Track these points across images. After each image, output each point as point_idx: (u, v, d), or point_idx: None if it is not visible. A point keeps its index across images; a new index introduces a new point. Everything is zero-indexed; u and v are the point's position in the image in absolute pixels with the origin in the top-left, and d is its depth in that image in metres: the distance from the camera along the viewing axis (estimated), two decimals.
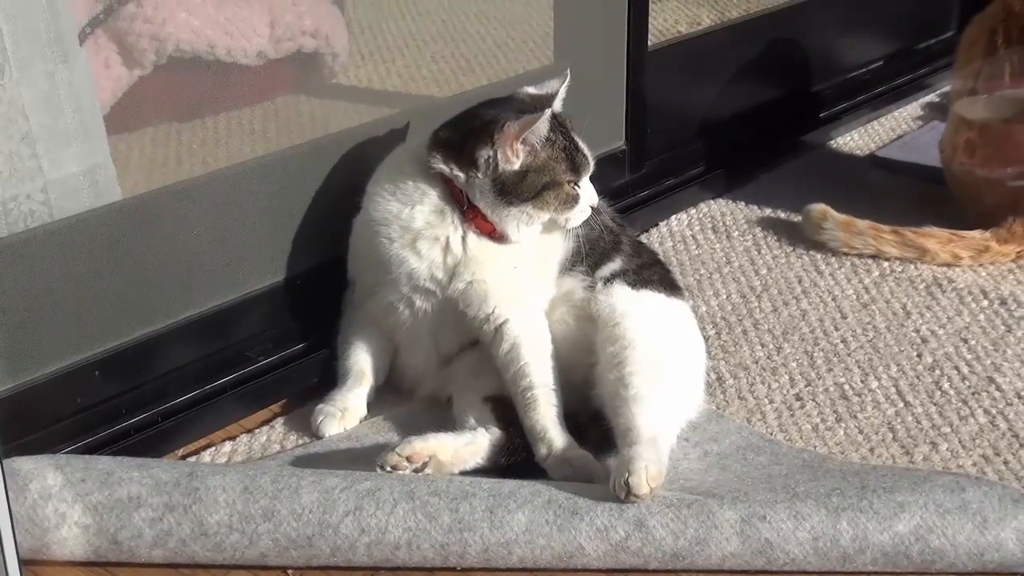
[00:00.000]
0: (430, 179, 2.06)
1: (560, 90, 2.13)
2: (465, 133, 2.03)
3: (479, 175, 2.01)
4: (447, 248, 2.05)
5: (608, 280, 2.10)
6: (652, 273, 2.15)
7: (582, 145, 2.07)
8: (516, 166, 2.00)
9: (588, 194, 2.08)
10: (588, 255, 2.12)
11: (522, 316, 2.05)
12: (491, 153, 2.00)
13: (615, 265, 2.12)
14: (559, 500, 1.76)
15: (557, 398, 2.00)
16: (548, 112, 2.00)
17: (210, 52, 2.36)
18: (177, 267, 2.09)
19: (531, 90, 2.15)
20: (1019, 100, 2.68)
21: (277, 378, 2.20)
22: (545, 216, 2.05)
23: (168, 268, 2.08)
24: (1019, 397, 2.22)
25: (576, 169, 2.05)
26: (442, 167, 2.04)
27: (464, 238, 2.05)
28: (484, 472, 1.93)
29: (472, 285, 2.05)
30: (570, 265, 2.12)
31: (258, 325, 2.21)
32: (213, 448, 2.06)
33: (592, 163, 2.09)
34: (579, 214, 2.07)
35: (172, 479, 1.77)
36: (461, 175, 2.02)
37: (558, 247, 2.13)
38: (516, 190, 2.01)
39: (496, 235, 2.06)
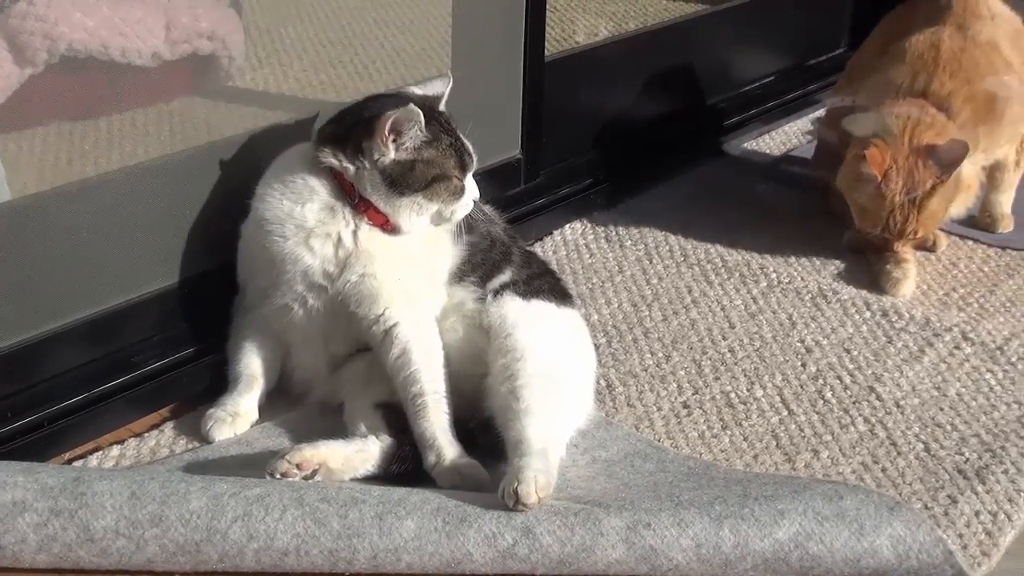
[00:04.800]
0: (319, 174, 2.08)
1: (444, 92, 2.19)
2: (351, 126, 2.07)
3: (367, 166, 2.04)
4: (339, 243, 2.06)
5: (498, 292, 2.12)
6: (543, 283, 2.18)
7: (467, 143, 2.13)
8: (390, 156, 2.03)
9: (471, 189, 2.13)
10: (480, 265, 2.15)
11: (413, 321, 2.06)
12: (371, 144, 2.03)
13: (505, 277, 2.15)
14: (448, 507, 1.78)
15: (448, 405, 2.01)
16: (411, 106, 2.01)
17: (104, 52, 2.34)
18: (67, 269, 2.07)
19: (416, 89, 2.19)
20: (905, 115, 2.75)
21: (167, 382, 2.19)
22: (434, 207, 2.08)
23: (57, 270, 2.06)
24: (898, 406, 2.28)
25: (463, 166, 2.10)
26: (331, 160, 2.06)
27: (356, 232, 2.07)
28: (375, 479, 1.94)
29: (363, 279, 2.06)
30: (460, 275, 2.14)
31: (149, 328, 2.19)
32: (101, 452, 2.05)
33: (475, 161, 2.14)
34: (463, 207, 2.12)
35: (58, 484, 1.75)
36: (350, 167, 2.05)
37: (448, 252, 2.16)
38: (407, 180, 2.04)
39: (389, 227, 2.08)
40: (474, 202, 2.14)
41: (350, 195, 2.06)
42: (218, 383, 2.16)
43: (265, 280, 2.11)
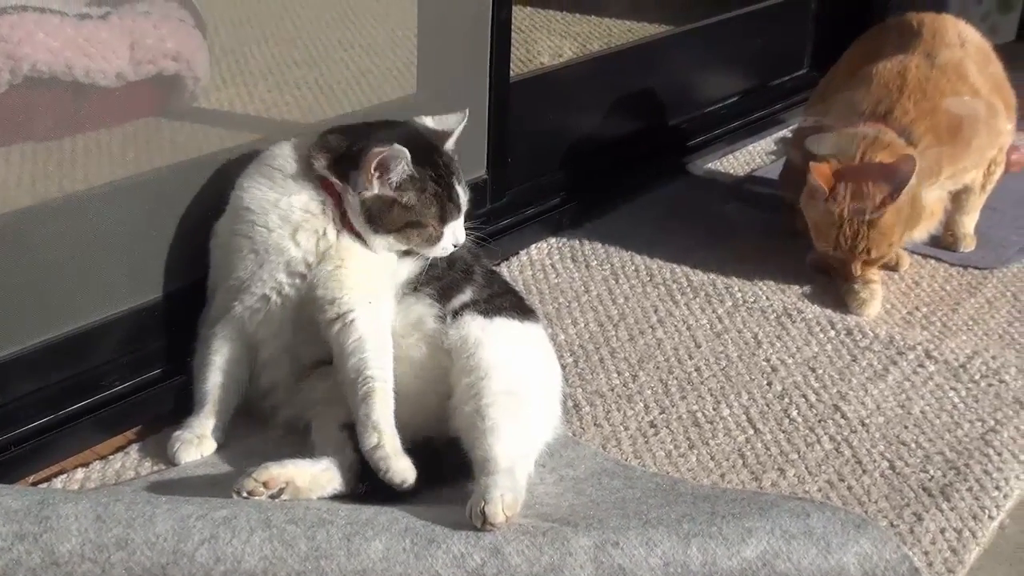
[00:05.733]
0: (309, 174, 2.12)
1: (457, 130, 2.21)
2: (348, 147, 2.10)
3: (350, 192, 2.08)
4: (323, 235, 2.10)
5: (458, 312, 2.12)
6: (504, 301, 2.18)
7: (458, 191, 2.15)
8: (372, 191, 2.07)
9: (454, 235, 2.15)
10: (438, 278, 2.15)
11: (369, 316, 2.06)
12: (357, 176, 2.07)
13: (466, 296, 2.15)
14: (416, 528, 1.77)
15: (392, 402, 2.00)
16: (397, 147, 2.04)
17: (68, 73, 2.33)
18: (31, 290, 2.05)
19: (429, 121, 2.23)
20: (863, 137, 2.77)
21: (133, 404, 2.18)
22: (404, 247, 2.14)
23: (21, 291, 2.04)
24: (863, 425, 2.29)
25: (443, 217, 2.13)
26: (325, 171, 2.10)
27: (339, 231, 2.11)
28: (342, 498, 1.93)
29: (337, 270, 2.08)
30: (417, 284, 2.15)
31: (114, 350, 2.18)
32: (65, 475, 2.03)
33: (464, 210, 2.16)
34: (438, 251, 2.15)
35: (23, 507, 1.74)
36: (339, 183, 2.10)
37: (408, 261, 2.18)
38: (381, 219, 2.09)
39: (364, 243, 2.13)
40: (454, 246, 2.16)
41: (337, 204, 2.11)
42: (184, 404, 2.15)
43: (245, 272, 2.11)
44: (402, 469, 1.93)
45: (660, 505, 1.93)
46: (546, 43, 3.84)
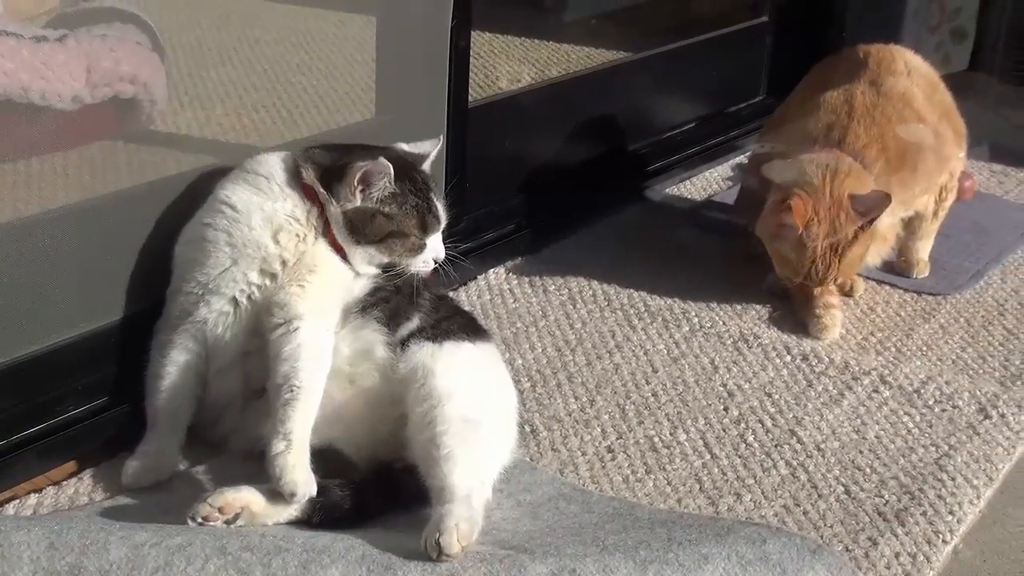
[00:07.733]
0: (296, 184, 2.14)
1: (432, 152, 2.28)
2: (333, 161, 2.14)
3: (333, 204, 2.11)
4: (302, 240, 2.12)
5: (407, 341, 2.10)
6: (452, 323, 2.17)
7: (436, 206, 2.20)
8: (355, 204, 2.11)
9: (434, 249, 2.20)
10: (384, 301, 2.15)
11: (315, 330, 2.06)
12: (340, 188, 2.11)
13: (412, 324, 2.13)
14: (373, 555, 1.76)
15: (313, 417, 1.99)
16: (383, 161, 2.09)
17: (23, 95, 2.32)
18: None
19: (405, 147, 2.28)
20: (824, 164, 2.79)
21: (86, 429, 2.15)
22: (386, 259, 2.16)
23: None
24: (818, 450, 2.31)
25: (424, 228, 2.17)
26: (314, 180, 2.13)
27: (317, 239, 2.13)
28: (299, 524, 1.92)
29: (308, 274, 2.10)
30: (364, 306, 2.14)
31: (68, 375, 2.16)
32: (17, 501, 2.01)
33: (443, 223, 2.21)
34: (420, 263, 2.19)
35: None
36: (324, 193, 2.12)
37: (363, 278, 2.18)
38: (364, 229, 2.12)
39: (343, 256, 2.15)
40: (436, 262, 2.21)
41: (320, 214, 2.13)
42: (138, 429, 2.12)
43: (216, 268, 2.10)
44: (295, 482, 1.90)
45: (617, 531, 1.93)
46: (504, 68, 3.85)
